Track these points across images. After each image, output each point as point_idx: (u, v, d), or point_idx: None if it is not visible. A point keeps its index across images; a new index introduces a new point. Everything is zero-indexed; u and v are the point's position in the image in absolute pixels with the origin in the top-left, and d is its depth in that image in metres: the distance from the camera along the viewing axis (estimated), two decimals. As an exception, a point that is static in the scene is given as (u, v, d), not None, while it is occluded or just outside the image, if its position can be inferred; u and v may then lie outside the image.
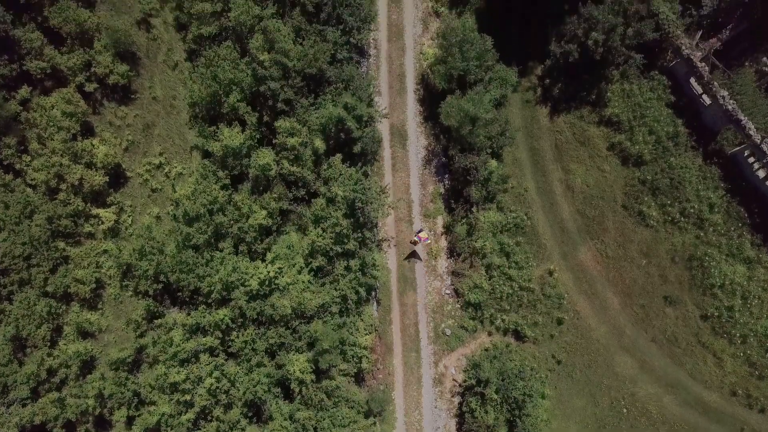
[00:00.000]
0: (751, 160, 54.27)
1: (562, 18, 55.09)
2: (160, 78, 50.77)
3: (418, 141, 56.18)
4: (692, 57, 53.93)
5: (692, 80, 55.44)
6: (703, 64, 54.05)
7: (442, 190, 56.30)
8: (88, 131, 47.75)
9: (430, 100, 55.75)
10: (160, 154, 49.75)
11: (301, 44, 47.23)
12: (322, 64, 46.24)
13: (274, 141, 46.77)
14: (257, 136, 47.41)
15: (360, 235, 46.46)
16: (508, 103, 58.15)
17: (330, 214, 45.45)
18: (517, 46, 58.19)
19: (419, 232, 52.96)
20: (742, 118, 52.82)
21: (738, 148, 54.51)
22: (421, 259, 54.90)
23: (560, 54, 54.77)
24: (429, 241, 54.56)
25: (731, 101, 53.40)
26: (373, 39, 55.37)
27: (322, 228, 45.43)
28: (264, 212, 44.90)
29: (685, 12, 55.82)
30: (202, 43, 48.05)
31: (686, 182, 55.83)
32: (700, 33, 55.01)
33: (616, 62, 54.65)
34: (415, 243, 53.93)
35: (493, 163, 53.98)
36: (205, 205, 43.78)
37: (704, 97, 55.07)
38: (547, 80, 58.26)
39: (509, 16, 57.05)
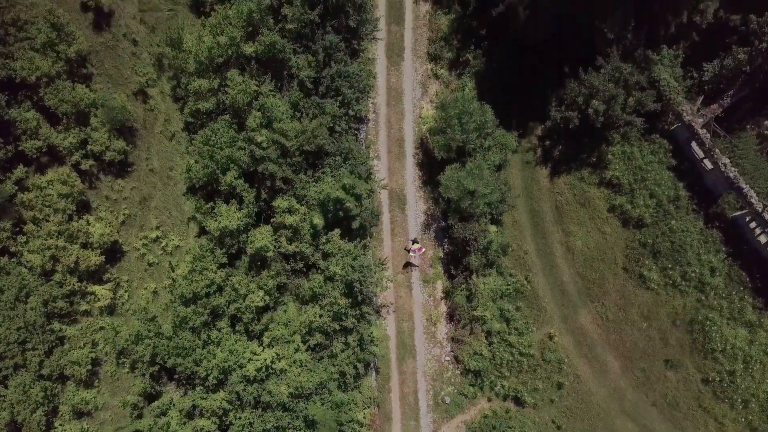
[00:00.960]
0: (753, 225, 53.96)
1: (562, 80, 54.78)
2: (157, 149, 50.36)
3: (417, 205, 55.83)
4: (693, 124, 53.68)
5: (693, 144, 55.17)
6: (705, 130, 53.80)
7: (441, 254, 55.95)
8: (84, 207, 47.34)
9: (429, 164, 55.43)
10: (157, 228, 49.35)
11: (299, 119, 46.92)
12: (321, 141, 45.94)
13: (272, 220, 46.42)
14: (255, 209, 47.06)
15: (358, 311, 46.15)
16: (508, 164, 57.88)
17: (328, 291, 45.13)
18: (517, 106, 57.95)
19: (414, 243, 53.01)
20: (744, 186, 52.54)
21: (739, 212, 54.21)
22: (417, 266, 54.81)
23: (560, 119, 54.50)
24: (423, 250, 54.44)
25: (733, 168, 53.15)
26: (372, 103, 55.05)
27: (320, 305, 45.11)
28: (261, 292, 44.55)
29: (686, 74, 55.65)
30: (199, 117, 47.67)
31: (687, 246, 55.52)
32: (701, 98, 54.72)
33: (616, 126, 54.35)
34: (408, 250, 53.95)
35: (493, 230, 53.64)
36: (203, 288, 43.45)
37: (705, 161, 54.79)
38: (547, 142, 57.99)
39: (509, 78, 56.72)
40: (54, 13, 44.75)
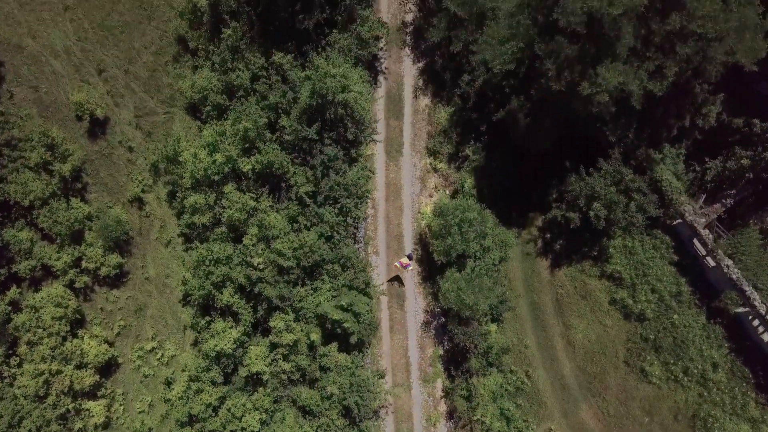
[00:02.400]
0: (756, 323, 53.43)
1: (563, 174, 54.14)
2: (152, 256, 49.78)
3: (416, 302, 55.22)
4: (696, 225, 53.14)
5: (695, 241, 54.60)
6: (707, 231, 53.24)
7: (441, 352, 55.32)
8: (78, 321, 46.74)
9: (429, 260, 54.74)
10: (153, 338, 48.76)
11: (297, 231, 46.37)
12: (318, 256, 45.39)
13: (269, 336, 45.85)
14: (252, 320, 46.51)
15: (356, 430, 45.62)
16: (508, 257, 57.25)
17: (324, 410, 44.58)
18: (517, 198, 57.36)
19: (409, 258, 53.08)
20: (747, 288, 52.00)
21: (742, 310, 53.63)
22: (404, 285, 54.61)
23: (561, 217, 53.93)
24: (411, 267, 54.22)
25: (736, 270, 52.61)
26: (370, 198, 54.46)
27: (317, 426, 44.56)
28: (257, 413, 43.98)
29: (688, 167, 55.10)
30: (195, 228, 47.09)
31: (689, 341, 54.97)
32: (703, 197, 54.13)
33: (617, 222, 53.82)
34: (398, 268, 53.71)
35: (493, 329, 53.03)
36: (198, 411, 42.90)
37: (708, 258, 54.22)
38: (548, 234, 57.37)
39: (509, 173, 56.11)
40: (48, 134, 44.15)
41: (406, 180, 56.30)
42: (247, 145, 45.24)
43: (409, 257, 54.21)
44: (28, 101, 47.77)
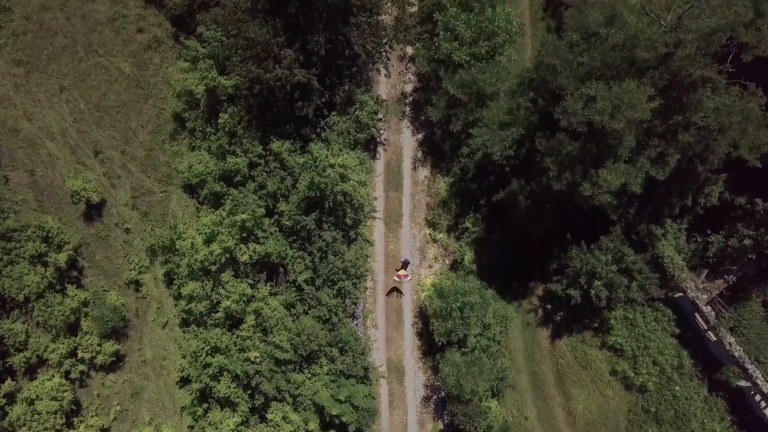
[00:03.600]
0: (758, 398, 53.06)
1: (564, 247, 53.63)
2: (149, 338, 49.28)
3: (416, 376, 54.72)
4: (698, 301, 52.75)
5: (697, 316, 54.22)
6: (709, 308, 52.88)
7: (441, 426, 54.79)
8: (73, 410, 46.20)
9: (429, 333, 54.25)
10: (150, 422, 48.23)
11: (293, 317, 45.95)
12: (316, 345, 44.95)
13: (267, 424, 45.35)
14: (249, 407, 46.06)
15: None
16: (509, 327, 56.78)
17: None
18: (517, 268, 56.91)
19: (404, 267, 53.02)
20: (749, 366, 51.73)
21: (744, 383, 53.24)
22: (403, 294, 54.62)
23: (561, 291, 53.52)
24: (409, 278, 54.26)
25: (738, 348, 52.30)
26: (370, 265, 53.96)
27: None
28: None
29: (690, 239, 54.70)
30: (192, 314, 46.62)
31: (691, 414, 54.71)
32: (705, 272, 53.70)
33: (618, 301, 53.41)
34: (397, 281, 53.79)
35: (493, 405, 52.53)
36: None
37: (710, 333, 53.85)
38: (548, 305, 56.93)
39: (509, 245, 55.65)
40: (43, 227, 43.69)
41: (405, 251, 55.83)
42: (244, 234, 44.74)
43: (405, 265, 53.92)
44: (24, 185, 47.28)
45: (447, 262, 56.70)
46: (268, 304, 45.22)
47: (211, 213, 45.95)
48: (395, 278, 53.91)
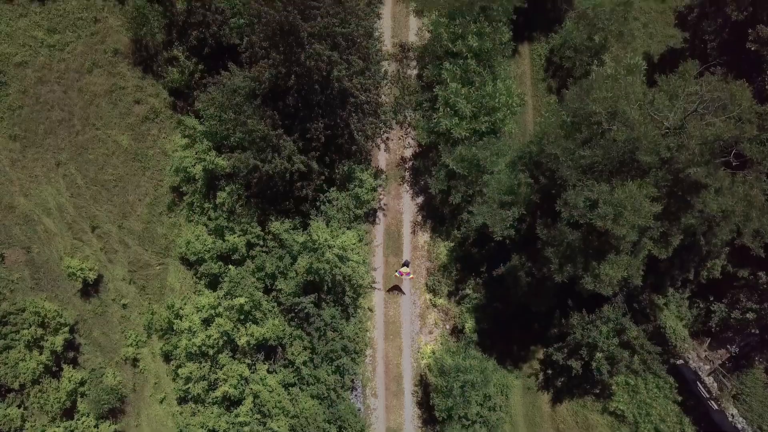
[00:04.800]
0: (761, 467, 52.59)
1: (566, 308, 53.18)
2: (147, 413, 48.74)
3: (416, 447, 54.29)
4: (700, 372, 52.30)
5: (699, 385, 53.77)
6: (711, 379, 52.45)
7: (442, 494, 54.28)
8: (70, 491, 45.76)
9: (429, 402, 53.71)
10: (148, 500, 47.83)
11: (291, 400, 45.52)
12: (315, 428, 44.51)
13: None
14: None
15: None
16: (509, 390, 56.27)
17: None
18: (518, 333, 56.45)
19: (405, 266, 52.94)
20: (752, 439, 51.20)
21: (747, 452, 52.79)
22: (405, 293, 54.72)
23: (563, 360, 53.03)
24: (411, 276, 54.13)
25: (741, 419, 51.91)
26: (369, 338, 53.57)
27: None
28: None
29: (692, 304, 54.29)
30: (190, 392, 46.17)
31: (694, 480, 54.26)
32: (708, 341, 53.27)
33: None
34: (398, 278, 53.74)
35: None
36: None
37: (712, 402, 53.40)
38: (549, 370, 56.46)
39: (510, 312, 55.17)
40: (39, 312, 43.24)
41: (405, 318, 55.38)
42: (242, 317, 44.32)
43: (406, 264, 53.83)
44: (20, 263, 46.82)
45: (447, 327, 56.24)
46: (266, 384, 44.73)
47: (208, 293, 45.43)
48: (396, 275, 53.57)
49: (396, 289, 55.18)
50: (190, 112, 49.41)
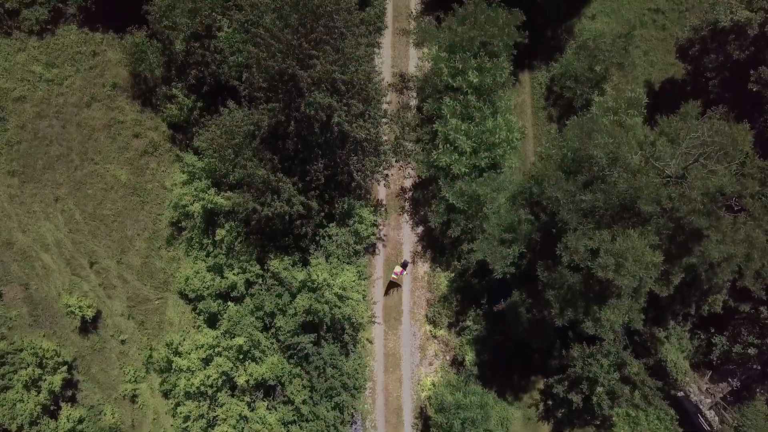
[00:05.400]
0: (763, 501, 52.35)
1: (566, 338, 52.94)
2: (146, 450, 48.67)
3: (417, 479, 54.06)
4: (701, 406, 52.08)
5: (700, 417, 53.56)
6: (712, 412, 52.22)
7: None
8: None
9: (429, 434, 53.69)
10: None
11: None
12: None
13: None
14: None
15: None
16: (509, 423, 56.00)
17: None
18: (518, 363, 56.20)
19: (402, 266, 53.66)
20: (754, 472, 50.93)
21: (749, 485, 52.53)
22: (401, 286, 55.01)
23: (563, 392, 52.81)
24: (406, 273, 54.50)
25: (743, 454, 51.56)
26: (369, 371, 53.28)
27: None
28: None
29: (693, 335, 54.07)
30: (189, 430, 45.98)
31: None
32: (709, 373, 53.05)
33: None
34: (395, 278, 53.89)
35: None
36: None
37: (713, 435, 53.25)
38: (550, 401, 56.22)
39: (509, 342, 54.97)
40: (37, 353, 43.05)
41: (405, 350, 55.13)
42: (241, 356, 44.13)
43: (405, 265, 54.15)
44: (18, 300, 46.67)
45: (448, 357, 55.99)
46: (266, 423, 44.53)
47: (207, 331, 45.24)
48: (393, 275, 53.61)
49: (394, 286, 55.01)
50: (189, 146, 49.16)
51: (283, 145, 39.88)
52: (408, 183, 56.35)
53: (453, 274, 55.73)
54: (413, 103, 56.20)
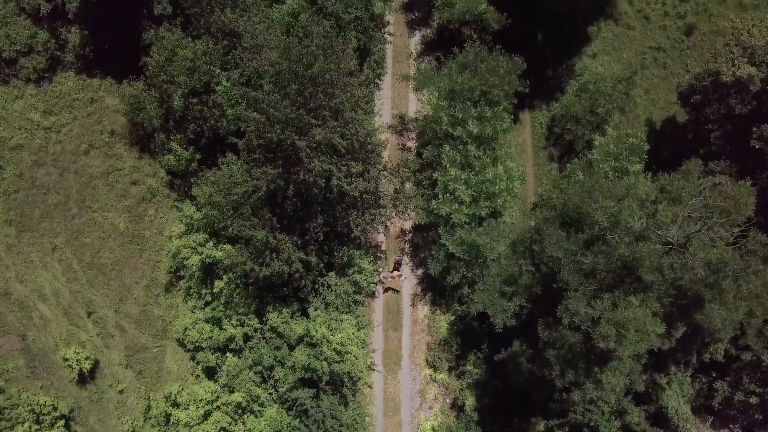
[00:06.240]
0: None
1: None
2: (143, 503, 48.36)
3: None
4: (703, 454, 51.73)
5: (703, 462, 53.25)
6: (715, 463, 51.89)
7: None
8: None
9: (429, 479, 53.39)
10: None
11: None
12: None
13: None
14: None
15: None
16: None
17: None
18: (518, 402, 55.88)
19: (396, 266, 53.67)
20: None
21: None
22: (399, 291, 54.88)
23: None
24: (404, 277, 54.38)
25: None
26: (369, 418, 52.98)
27: None
28: None
29: (694, 379, 53.74)
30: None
31: None
32: (711, 419, 52.75)
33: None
34: (391, 281, 53.91)
35: None
36: None
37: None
38: (550, 442, 55.94)
39: (509, 391, 54.66)
40: (34, 409, 42.79)
41: (405, 394, 54.80)
42: (240, 411, 43.85)
43: (398, 265, 54.03)
44: (15, 351, 46.40)
45: (448, 401, 55.68)
46: (265, 477, 44.27)
47: (206, 384, 44.98)
48: (389, 278, 53.47)
49: (391, 290, 54.79)
50: (187, 194, 48.82)
51: (281, 204, 39.59)
52: (408, 225, 56.05)
53: (453, 317, 55.42)
54: (413, 144, 55.93)
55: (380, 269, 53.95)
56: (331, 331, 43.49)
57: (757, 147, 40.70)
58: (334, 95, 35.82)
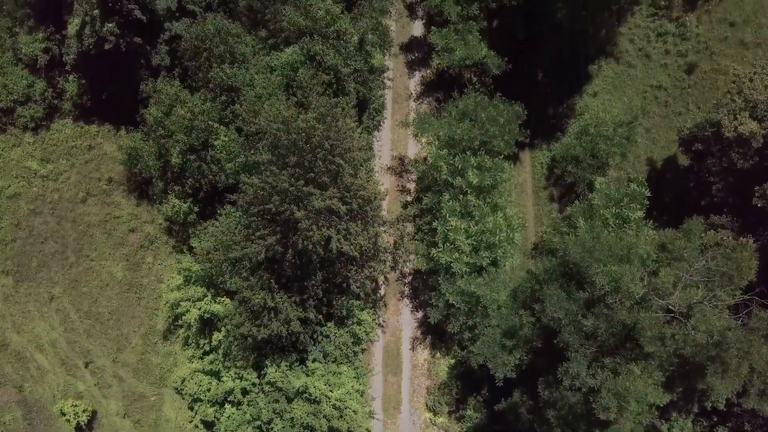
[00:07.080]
0: None
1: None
2: None
3: None
4: None
5: None
6: None
7: None
8: None
9: None
10: None
11: None
12: None
13: None
14: None
15: None
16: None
17: None
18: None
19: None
20: None
21: None
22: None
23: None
24: None
25: None
26: (368, 463, 52.76)
27: None
28: None
29: (696, 422, 53.36)
30: None
31: None
32: (712, 466, 52.34)
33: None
34: None
35: None
36: None
37: None
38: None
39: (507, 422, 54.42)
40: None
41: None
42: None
43: None
44: (12, 403, 46.18)
45: (447, 445, 55.44)
46: None
47: (204, 436, 44.81)
48: None
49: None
50: (186, 242, 48.49)
51: (280, 263, 39.28)
52: (407, 268, 55.71)
53: (453, 361, 55.08)
54: (412, 186, 55.63)
55: (380, 313, 53.65)
56: (329, 386, 43.16)
57: (759, 205, 40.38)
58: (333, 161, 35.55)
